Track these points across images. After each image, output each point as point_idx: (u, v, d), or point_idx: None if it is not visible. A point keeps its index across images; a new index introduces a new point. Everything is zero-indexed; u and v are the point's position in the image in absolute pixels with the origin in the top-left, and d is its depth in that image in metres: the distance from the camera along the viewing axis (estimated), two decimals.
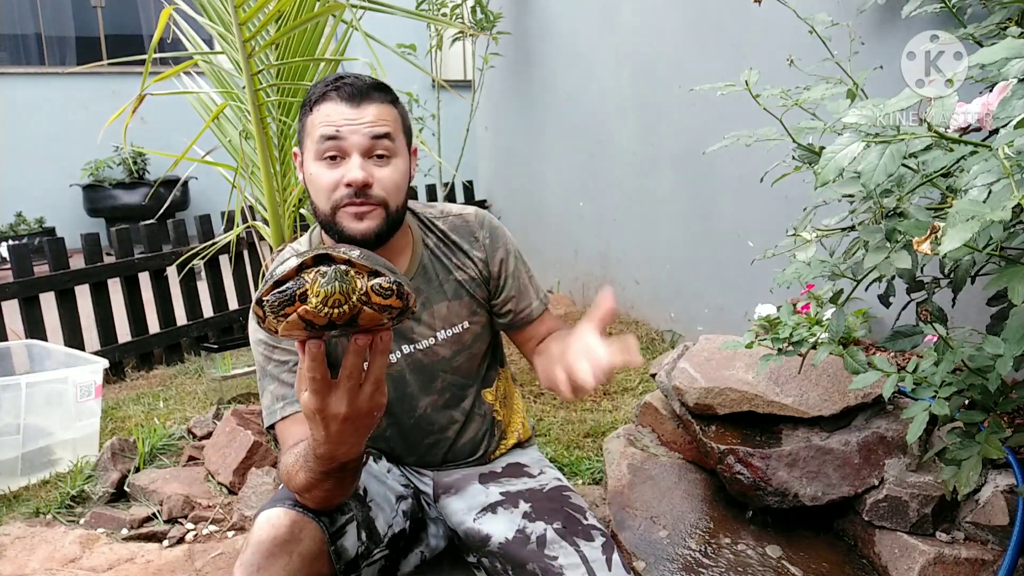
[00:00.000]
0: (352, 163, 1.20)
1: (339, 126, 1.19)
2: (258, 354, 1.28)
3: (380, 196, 1.22)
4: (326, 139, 1.20)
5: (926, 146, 1.07)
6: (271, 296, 0.82)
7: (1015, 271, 0.94)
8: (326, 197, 1.22)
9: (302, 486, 1.09)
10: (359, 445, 1.01)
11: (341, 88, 1.21)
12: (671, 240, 3.32)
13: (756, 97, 1.36)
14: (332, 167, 1.21)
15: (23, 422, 2.32)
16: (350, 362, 0.89)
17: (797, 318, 1.74)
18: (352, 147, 1.20)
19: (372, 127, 1.20)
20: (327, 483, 1.07)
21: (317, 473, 1.04)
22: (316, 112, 1.22)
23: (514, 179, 4.80)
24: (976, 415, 1.28)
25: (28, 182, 6.79)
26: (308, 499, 1.12)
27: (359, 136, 1.20)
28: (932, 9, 1.57)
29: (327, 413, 0.92)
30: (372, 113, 1.21)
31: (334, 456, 1.00)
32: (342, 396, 0.91)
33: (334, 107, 1.21)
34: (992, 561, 1.40)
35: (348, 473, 1.07)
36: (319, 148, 1.21)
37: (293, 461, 1.10)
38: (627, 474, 1.82)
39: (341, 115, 1.20)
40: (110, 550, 1.93)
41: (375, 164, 1.22)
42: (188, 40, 2.44)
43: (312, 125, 1.23)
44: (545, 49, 4.18)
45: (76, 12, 7.49)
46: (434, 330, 1.36)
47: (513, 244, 1.44)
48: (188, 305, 3.73)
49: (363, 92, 1.22)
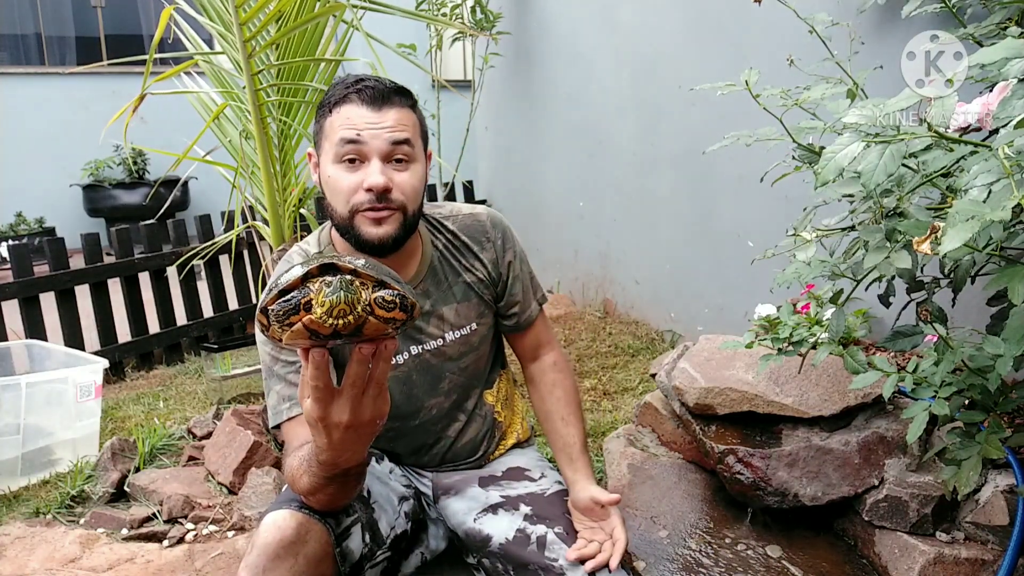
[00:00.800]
0: (372, 167, 1.19)
1: (360, 129, 1.18)
2: (264, 354, 1.28)
3: (400, 201, 1.21)
4: (346, 142, 1.19)
5: (926, 146, 1.07)
6: (276, 305, 0.82)
7: (1015, 271, 0.94)
8: (345, 200, 1.21)
9: (306, 489, 1.09)
10: (362, 452, 1.01)
11: (363, 91, 1.20)
12: (671, 240, 3.32)
13: (756, 97, 1.36)
14: (351, 171, 1.20)
15: (23, 422, 2.32)
16: (353, 371, 0.89)
17: (797, 318, 1.74)
18: (372, 151, 1.19)
19: (393, 132, 1.20)
20: (330, 487, 1.07)
21: (320, 478, 1.05)
22: (336, 114, 1.21)
23: (514, 179, 4.80)
24: (976, 415, 1.28)
25: (28, 182, 6.79)
26: (313, 502, 1.12)
27: (380, 141, 1.19)
28: (932, 9, 1.57)
29: (329, 421, 0.92)
30: (393, 117, 1.20)
31: (336, 463, 1.00)
32: (345, 404, 0.91)
33: (355, 110, 1.20)
34: (992, 561, 1.40)
35: (352, 478, 1.07)
36: (339, 151, 1.20)
37: (298, 464, 1.10)
38: (627, 474, 1.82)
39: (362, 118, 1.19)
40: (110, 550, 1.93)
41: (394, 169, 1.21)
42: (188, 40, 2.44)
43: (331, 127, 1.22)
44: (545, 49, 4.18)
45: (76, 12, 7.49)
46: (443, 332, 1.36)
47: (519, 245, 1.44)
48: (188, 305, 3.73)
49: (385, 96, 1.21)
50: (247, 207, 2.83)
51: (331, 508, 1.15)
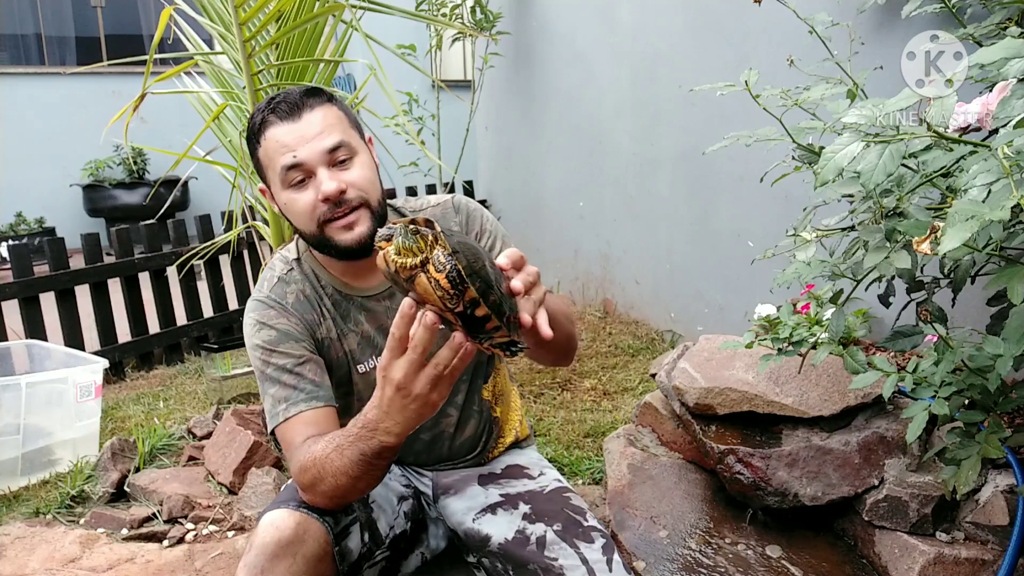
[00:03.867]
0: (320, 177, 1.20)
1: (294, 150, 1.20)
2: (256, 359, 1.27)
3: (360, 196, 1.22)
4: (288, 168, 1.20)
5: (926, 146, 1.07)
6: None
7: (1015, 271, 0.94)
8: (309, 218, 1.22)
9: (336, 469, 1.08)
10: (400, 431, 1.01)
11: (276, 109, 1.21)
12: (671, 240, 3.32)
13: (756, 97, 1.36)
14: (302, 189, 1.21)
15: (23, 422, 2.32)
16: (419, 334, 0.92)
17: (797, 318, 1.74)
18: (314, 164, 1.20)
19: (323, 138, 1.20)
20: (359, 467, 1.06)
21: (356, 452, 1.04)
22: (264, 142, 1.23)
23: (514, 179, 4.80)
24: (976, 415, 1.28)
25: (28, 182, 6.78)
26: (331, 487, 1.10)
27: (317, 153, 1.20)
28: (932, 9, 1.57)
29: (387, 374, 0.96)
30: (317, 120, 1.21)
31: (377, 427, 1.01)
32: (403, 365, 0.94)
33: (278, 129, 1.21)
34: (992, 561, 1.40)
35: (383, 461, 1.06)
36: (284, 178, 1.21)
37: (324, 446, 1.10)
38: (627, 474, 1.82)
39: (289, 135, 1.20)
40: (110, 550, 1.93)
41: (340, 170, 1.22)
42: (188, 40, 2.44)
43: (267, 157, 1.23)
44: (545, 49, 4.19)
45: (76, 12, 7.49)
46: None
47: (493, 225, 1.41)
48: (188, 305, 3.73)
49: (299, 104, 1.22)
50: (247, 207, 2.82)
51: (343, 501, 1.15)
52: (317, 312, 1.30)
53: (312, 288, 1.31)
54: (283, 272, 1.32)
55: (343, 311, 1.32)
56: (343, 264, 1.30)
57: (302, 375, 1.23)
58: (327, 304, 1.31)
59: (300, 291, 1.30)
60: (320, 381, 1.24)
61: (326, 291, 1.32)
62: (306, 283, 1.31)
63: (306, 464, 1.12)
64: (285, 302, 1.28)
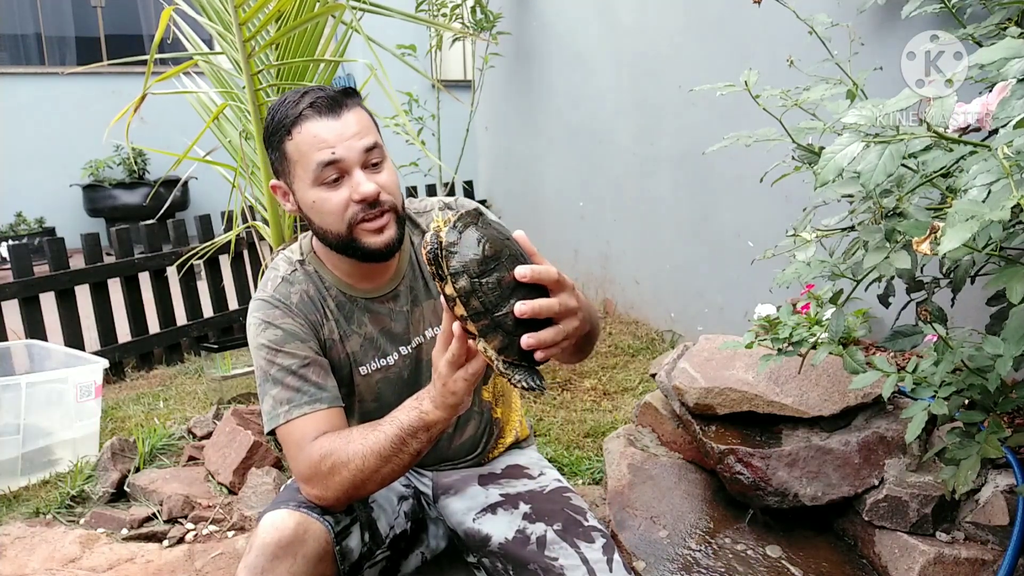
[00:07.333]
0: (357, 178, 1.19)
1: (334, 147, 1.17)
2: (260, 359, 1.25)
3: (390, 201, 1.22)
4: (325, 165, 1.18)
5: (926, 146, 1.07)
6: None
7: (1014, 271, 0.94)
8: (339, 218, 1.20)
9: (371, 447, 1.11)
10: (446, 414, 1.08)
11: (316, 103, 1.19)
12: (671, 240, 3.32)
13: (756, 97, 1.36)
14: (334, 188, 1.19)
15: (23, 422, 2.32)
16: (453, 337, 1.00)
17: (797, 318, 1.74)
18: (352, 164, 1.19)
19: (362, 139, 1.19)
20: (402, 446, 1.11)
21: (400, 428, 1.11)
22: (298, 135, 1.19)
23: (514, 179, 4.80)
24: (976, 415, 1.28)
25: (28, 182, 6.78)
26: (350, 474, 1.12)
27: (355, 152, 1.18)
28: (932, 9, 1.57)
29: (435, 362, 1.05)
30: (355, 121, 1.20)
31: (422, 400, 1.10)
32: (445, 355, 1.02)
33: (317, 124, 1.18)
34: (992, 561, 1.40)
35: (430, 435, 1.11)
36: (319, 175, 1.19)
37: (347, 433, 1.16)
38: (627, 474, 1.82)
39: (330, 131, 1.18)
40: (110, 550, 1.93)
41: (373, 173, 1.21)
42: (188, 40, 2.44)
43: (299, 151, 1.20)
44: (545, 49, 4.18)
45: (76, 12, 7.49)
46: (422, 328, 1.36)
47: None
48: (188, 305, 3.73)
49: (339, 101, 1.20)
50: (247, 207, 2.82)
51: (358, 492, 1.16)
52: (320, 313, 1.30)
53: (316, 289, 1.31)
54: (287, 272, 1.31)
55: (347, 312, 1.31)
56: (351, 266, 1.29)
57: (306, 377, 1.22)
58: (331, 305, 1.31)
59: (304, 291, 1.30)
60: (324, 383, 1.23)
61: (330, 292, 1.31)
62: (310, 284, 1.30)
63: (326, 451, 1.12)
64: (289, 302, 1.28)
